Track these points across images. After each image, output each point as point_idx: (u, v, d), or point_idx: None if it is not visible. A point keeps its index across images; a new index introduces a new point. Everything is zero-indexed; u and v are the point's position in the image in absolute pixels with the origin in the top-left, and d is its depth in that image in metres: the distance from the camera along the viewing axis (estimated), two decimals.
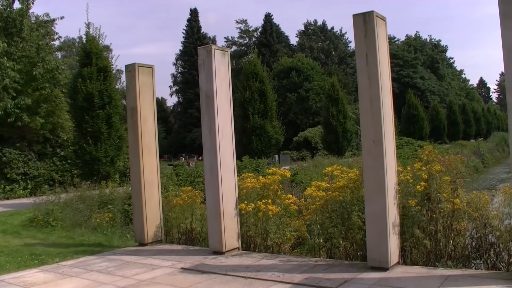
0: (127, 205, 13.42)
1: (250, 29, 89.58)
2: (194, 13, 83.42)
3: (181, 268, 7.85)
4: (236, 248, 8.90)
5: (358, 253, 8.23)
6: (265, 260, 8.16)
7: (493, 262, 7.50)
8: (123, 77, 40.09)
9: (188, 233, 10.24)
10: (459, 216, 7.75)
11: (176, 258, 8.58)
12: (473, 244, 7.79)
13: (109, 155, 21.70)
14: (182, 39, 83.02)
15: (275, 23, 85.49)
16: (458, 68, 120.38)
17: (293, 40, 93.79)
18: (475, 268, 7.52)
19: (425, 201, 7.83)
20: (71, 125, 24.02)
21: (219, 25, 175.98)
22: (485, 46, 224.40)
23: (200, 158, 49.01)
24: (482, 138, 75.65)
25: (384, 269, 7.01)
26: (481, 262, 7.69)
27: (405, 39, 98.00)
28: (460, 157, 8.74)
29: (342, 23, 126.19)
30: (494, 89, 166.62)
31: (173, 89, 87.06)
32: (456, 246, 7.80)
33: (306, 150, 45.06)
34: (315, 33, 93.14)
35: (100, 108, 21.60)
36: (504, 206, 7.54)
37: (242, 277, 7.14)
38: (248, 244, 9.22)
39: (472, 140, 69.85)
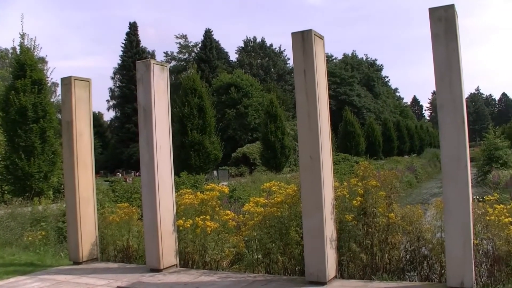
0: (61, 222, 13.02)
1: (190, 45, 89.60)
2: (133, 26, 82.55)
3: (118, 287, 7.66)
4: (174, 265, 8.78)
5: (296, 268, 8.28)
6: (204, 276, 8.09)
7: (426, 274, 7.72)
8: (59, 90, 39.22)
9: (125, 251, 10.03)
10: (394, 230, 7.95)
11: (112, 276, 8.37)
12: (408, 257, 8.01)
13: (42, 171, 21.04)
14: (121, 53, 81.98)
15: (215, 39, 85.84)
16: (393, 87, 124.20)
17: (233, 56, 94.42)
18: (410, 280, 7.71)
19: (361, 216, 7.98)
20: (2, 139, 23.20)
21: (159, 40, 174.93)
22: (418, 65, 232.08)
23: (137, 173, 48.32)
24: (416, 154, 77.90)
25: (322, 283, 7.07)
26: (415, 274, 7.90)
27: (342, 57, 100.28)
28: (395, 173, 8.97)
29: (281, 41, 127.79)
30: (427, 107, 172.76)
31: (111, 103, 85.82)
32: (391, 259, 7.99)
33: (244, 166, 45.14)
34: (255, 49, 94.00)
35: (34, 121, 20.99)
36: (436, 220, 7.79)
37: None
38: (186, 261, 9.11)
39: (406, 156, 71.87)
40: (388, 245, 7.99)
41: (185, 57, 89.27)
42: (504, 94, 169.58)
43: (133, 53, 78.68)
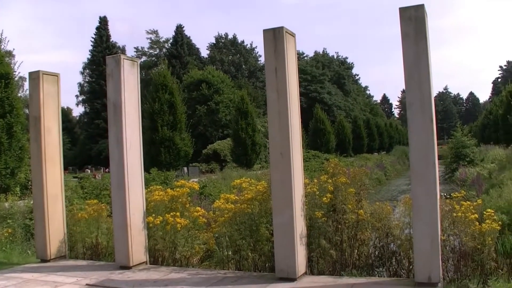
0: (28, 219, 12.81)
1: (161, 40, 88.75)
2: (103, 21, 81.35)
3: (86, 285, 7.57)
4: (143, 262, 8.72)
5: (267, 265, 8.30)
6: (174, 273, 8.06)
7: (395, 269, 7.83)
8: (26, 84, 38.46)
9: (94, 248, 9.92)
10: (363, 226, 8.04)
11: (81, 274, 8.26)
12: (376, 253, 8.10)
13: (9, 167, 20.62)
14: (90, 47, 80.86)
15: (186, 35, 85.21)
16: (363, 85, 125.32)
17: (204, 53, 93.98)
18: (379, 276, 7.81)
19: (331, 212, 8.05)
20: None
21: (129, 35, 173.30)
22: (388, 64, 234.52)
23: (106, 170, 47.79)
24: (385, 152, 78.81)
25: (292, 279, 7.11)
26: (384, 270, 8.01)
27: (314, 55, 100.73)
28: (364, 170, 9.06)
29: (253, 38, 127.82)
30: (396, 105, 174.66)
31: (80, 98, 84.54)
32: (361, 255, 8.07)
33: (215, 162, 44.97)
34: (226, 46, 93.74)
35: (0, 117, 20.58)
36: (405, 216, 7.89)
37: None
38: (156, 258, 9.06)
39: (376, 153, 72.63)
40: (357, 241, 8.08)
41: (156, 52, 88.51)
42: (471, 93, 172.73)
43: (103, 48, 77.64)
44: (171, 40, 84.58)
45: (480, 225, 7.15)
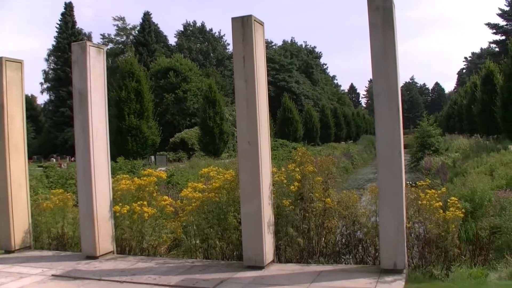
0: None
1: (128, 27, 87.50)
2: (68, 7, 79.74)
3: (52, 275, 7.47)
4: (110, 252, 8.66)
5: (235, 253, 8.32)
6: (141, 263, 8.02)
7: (361, 256, 7.93)
8: None
9: (60, 238, 9.79)
10: (330, 215, 8.13)
11: (47, 264, 8.14)
12: (343, 240, 8.21)
13: None
14: (55, 34, 79.31)
15: (154, 22, 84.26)
16: (331, 74, 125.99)
17: (172, 40, 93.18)
18: (345, 263, 7.92)
19: (299, 201, 8.10)
20: None
21: (96, 22, 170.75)
22: (356, 54, 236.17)
23: (72, 159, 47.19)
24: (352, 141, 79.50)
25: (260, 267, 7.15)
26: (350, 257, 8.12)
27: (282, 44, 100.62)
28: (332, 159, 9.12)
29: (221, 26, 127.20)
30: (364, 94, 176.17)
31: (44, 86, 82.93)
32: (328, 243, 8.16)
33: (182, 151, 44.74)
34: (194, 34, 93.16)
35: None
36: (371, 204, 8.00)
37: (117, 281, 6.97)
38: (123, 248, 8.99)
39: (343, 142, 73.22)
40: (324, 230, 8.16)
41: (122, 40, 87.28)
42: (437, 84, 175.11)
43: (69, 35, 76.20)
44: (138, 27, 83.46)
45: (444, 212, 7.29)
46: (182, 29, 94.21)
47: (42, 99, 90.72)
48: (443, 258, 7.08)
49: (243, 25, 7.26)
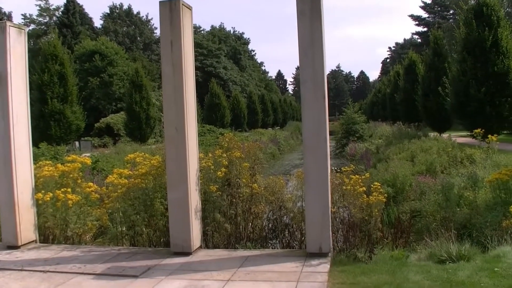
0: None
1: (51, 8, 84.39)
2: None
3: None
4: (33, 241, 8.40)
5: (162, 240, 8.28)
6: (66, 252, 7.83)
7: (288, 241, 8.09)
8: None
9: None
10: (257, 200, 8.22)
11: None
12: (270, 225, 8.34)
13: None
14: None
15: (79, 3, 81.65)
16: (259, 61, 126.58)
17: (97, 23, 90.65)
18: (272, 248, 8.05)
19: (226, 187, 8.15)
20: None
21: (16, 0, 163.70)
22: (284, 41, 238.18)
23: None
24: (279, 127, 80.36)
25: (187, 253, 7.16)
26: (277, 242, 8.27)
27: (210, 29, 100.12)
28: (259, 145, 9.21)
29: (148, 9, 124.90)
30: (291, 81, 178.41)
31: None
32: (255, 228, 8.27)
33: (108, 136, 43.78)
34: (121, 17, 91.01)
35: None
36: (297, 190, 8.16)
37: (41, 271, 6.77)
38: (46, 236, 8.73)
39: (270, 128, 73.86)
40: (251, 215, 8.26)
41: (45, 21, 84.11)
42: (362, 72, 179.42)
43: None
44: (62, 8, 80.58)
45: (368, 197, 7.52)
46: (108, 12, 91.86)
47: None
48: (366, 241, 7.31)
49: (171, 9, 7.17)
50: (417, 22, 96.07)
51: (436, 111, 28.35)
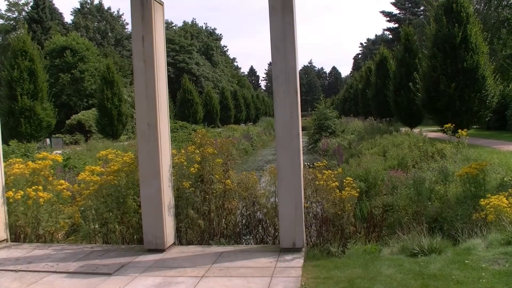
0: None
1: (20, 3, 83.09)
2: None
3: None
4: (4, 240, 8.28)
5: (135, 237, 8.25)
6: (37, 250, 7.74)
7: (261, 236, 8.13)
8: None
9: None
10: (230, 196, 8.24)
11: None
12: (244, 221, 8.37)
13: None
14: None
15: None
16: (231, 57, 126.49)
17: (68, 18, 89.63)
18: (246, 244, 8.08)
19: (199, 183, 8.14)
20: None
21: None
22: (256, 37, 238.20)
23: None
24: (252, 123, 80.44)
25: (161, 250, 7.14)
26: (251, 237, 8.31)
27: (182, 25, 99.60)
28: (231, 140, 9.23)
29: (119, 5, 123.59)
30: (263, 77, 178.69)
31: None
32: (228, 224, 8.28)
33: (79, 133, 43.31)
34: (92, 12, 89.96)
35: None
36: (270, 185, 8.19)
37: (12, 270, 6.68)
38: (17, 235, 8.62)
39: (243, 124, 73.89)
40: (225, 211, 8.27)
41: (14, 16, 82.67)
42: (334, 68, 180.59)
43: None
44: (31, 3, 79.37)
45: (341, 192, 7.60)
46: (79, 7, 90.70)
47: None
48: (339, 235, 7.38)
49: (143, 4, 7.13)
50: (388, 18, 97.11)
51: (407, 106, 28.72)
